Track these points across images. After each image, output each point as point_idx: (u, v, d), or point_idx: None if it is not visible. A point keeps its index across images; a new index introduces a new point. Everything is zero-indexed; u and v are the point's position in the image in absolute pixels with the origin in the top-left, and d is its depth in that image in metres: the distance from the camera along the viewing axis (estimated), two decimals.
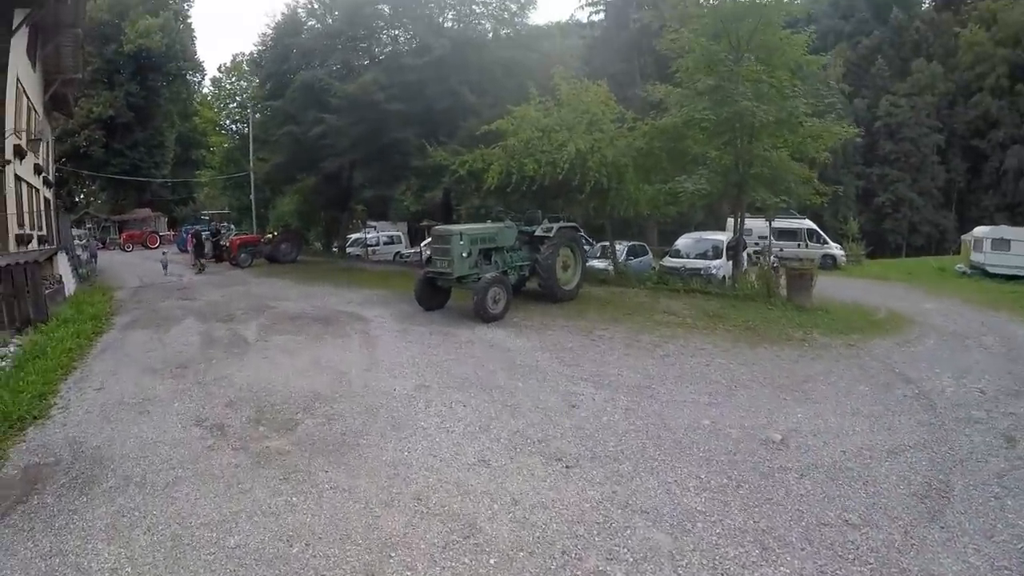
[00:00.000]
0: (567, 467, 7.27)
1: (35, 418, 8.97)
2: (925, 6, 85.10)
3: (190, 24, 65.58)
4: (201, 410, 9.35)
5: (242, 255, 32.44)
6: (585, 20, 49.05)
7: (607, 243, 25.87)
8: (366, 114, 27.49)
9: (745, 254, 23.16)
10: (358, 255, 40.76)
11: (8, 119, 20.78)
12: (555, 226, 17.73)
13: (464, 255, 15.66)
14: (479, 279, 15.52)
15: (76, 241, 35.01)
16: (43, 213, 29.54)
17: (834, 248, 36.21)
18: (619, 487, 6.79)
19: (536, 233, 17.83)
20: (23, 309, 14.47)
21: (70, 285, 22.06)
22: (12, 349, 12.59)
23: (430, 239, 18.30)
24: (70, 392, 10.29)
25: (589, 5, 47.02)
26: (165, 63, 59.54)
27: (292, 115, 31.66)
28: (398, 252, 41.63)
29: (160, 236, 50.49)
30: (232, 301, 19.84)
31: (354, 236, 44.30)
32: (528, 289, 19.03)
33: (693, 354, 12.56)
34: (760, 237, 32.70)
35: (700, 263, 23.49)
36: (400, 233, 46.40)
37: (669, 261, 24.33)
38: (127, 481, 7.00)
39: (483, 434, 8.25)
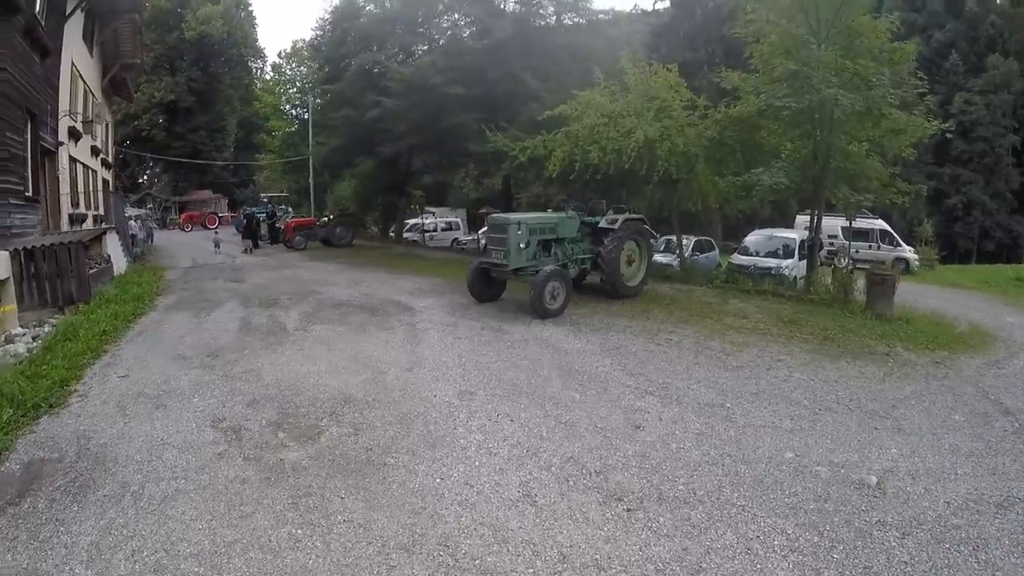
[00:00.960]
0: (628, 510, 6.03)
1: (51, 406, 8.24)
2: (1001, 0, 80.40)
3: (251, 11, 67.20)
4: (220, 408, 8.38)
5: (297, 238, 32.10)
6: (650, 8, 47.52)
7: (672, 237, 24.43)
8: (424, 98, 26.52)
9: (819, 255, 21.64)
10: (415, 240, 39.98)
11: (63, 101, 21.12)
12: (620, 217, 16.42)
13: (522, 245, 14.49)
14: (537, 272, 14.29)
15: (132, 221, 34.79)
16: (100, 193, 29.93)
17: (907, 251, 34.09)
18: (691, 542, 5.54)
19: (600, 224, 16.49)
20: (66, 289, 13.93)
21: (120, 264, 21.81)
22: (47, 329, 12.04)
23: (486, 227, 17.11)
24: (93, 379, 9.53)
25: None
26: (226, 49, 61.26)
27: (349, 99, 30.99)
28: (456, 239, 40.79)
29: (219, 217, 50.48)
30: (279, 285, 19.20)
31: (412, 221, 43.57)
32: (589, 284, 17.76)
33: (769, 367, 11.19)
34: (830, 237, 30.81)
35: (771, 262, 22.13)
36: (459, 220, 45.65)
37: (738, 259, 22.95)
38: (124, 489, 6.14)
39: (531, 459, 7.04)
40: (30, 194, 16.97)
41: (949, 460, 7.53)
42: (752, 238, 25.31)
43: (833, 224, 30.89)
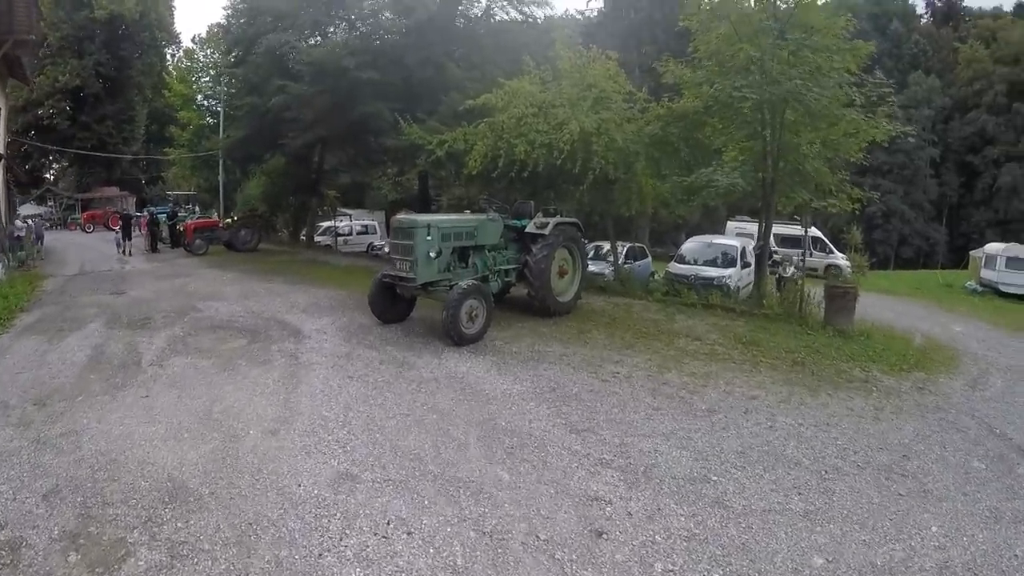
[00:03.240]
0: None
1: None
2: (924, 20, 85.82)
3: None
4: (7, 504, 5.63)
5: (197, 241, 28.57)
6: (584, 7, 45.70)
7: (603, 244, 21.97)
8: (334, 83, 23.41)
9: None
10: (328, 245, 36.54)
11: None
12: (551, 221, 13.66)
13: (432, 254, 11.56)
14: (451, 287, 11.53)
15: (18, 221, 30.94)
16: None
17: (839, 258, 31.73)
18: None
19: (527, 229, 13.73)
20: None
21: None
22: None
23: (390, 232, 14.19)
24: None
25: None
26: (138, 32, 55.99)
27: (255, 85, 27.56)
28: (371, 244, 37.23)
29: (129, 217, 46.08)
30: (160, 299, 16.20)
31: (325, 224, 40.04)
32: (512, 298, 15.00)
33: (746, 408, 8.70)
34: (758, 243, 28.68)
35: (712, 271, 19.63)
36: (375, 223, 42.20)
37: (676, 268, 20.40)
38: None
39: None
40: None
41: (1000, 535, 5.88)
42: (690, 245, 22.84)
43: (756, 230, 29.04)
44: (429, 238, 11.51)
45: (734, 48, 15.03)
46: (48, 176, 62.35)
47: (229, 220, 31.77)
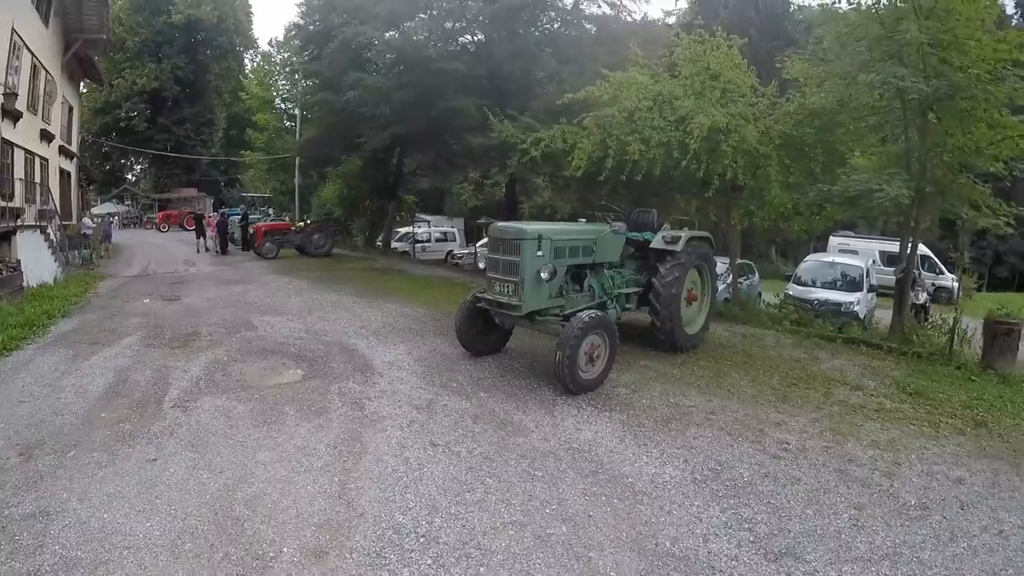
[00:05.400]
0: None
1: None
2: None
3: None
4: None
5: (267, 244, 26.88)
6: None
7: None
8: (415, 76, 21.05)
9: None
10: (405, 252, 34.11)
11: None
12: (683, 235, 10.66)
13: (544, 275, 8.67)
14: (564, 317, 8.83)
15: (87, 220, 29.69)
16: (56, 186, 26.70)
17: (949, 279, 27.98)
18: None
19: (653, 244, 10.78)
20: None
21: (42, 272, 17.27)
22: None
23: (486, 241, 11.37)
24: None
25: None
26: (216, 37, 56.23)
27: (329, 81, 25.25)
28: (450, 251, 34.83)
29: (203, 218, 45.19)
30: (215, 309, 14.27)
31: (402, 230, 37.58)
32: (622, 321, 11.57)
33: (959, 502, 5.89)
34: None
35: (838, 296, 16.88)
36: (455, 230, 39.86)
37: (796, 290, 17.50)
38: None
39: None
40: None
41: None
42: (809, 265, 19.80)
43: (869, 248, 25.85)
44: (540, 253, 8.70)
45: (903, 26, 11.99)
46: (130, 176, 62.42)
47: (302, 223, 29.86)
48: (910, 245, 13.92)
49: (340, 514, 5.13)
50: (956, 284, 28.42)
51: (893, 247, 25.46)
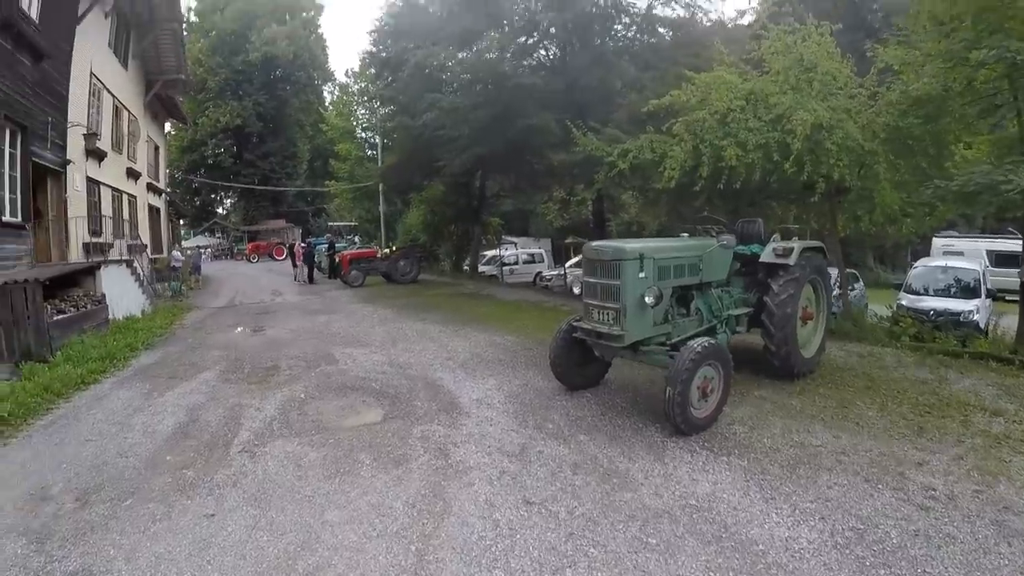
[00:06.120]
0: None
1: None
2: None
3: (320, 33, 64.18)
4: None
5: (353, 272, 26.73)
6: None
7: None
8: (491, 94, 20.55)
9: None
10: (492, 275, 33.52)
11: (73, 114, 18.19)
12: (796, 247, 9.48)
13: (649, 300, 7.63)
14: (671, 346, 7.84)
15: (177, 252, 30.35)
16: (145, 222, 28.14)
17: None
18: None
19: (763, 258, 9.62)
20: (23, 339, 11.17)
21: (129, 304, 17.88)
22: None
23: (580, 261, 10.36)
24: None
25: None
26: (293, 72, 58.67)
27: (404, 105, 25.07)
28: (538, 273, 33.83)
29: (287, 247, 45.86)
30: (296, 340, 13.96)
31: (489, 254, 37.23)
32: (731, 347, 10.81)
33: None
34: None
35: (958, 305, 15.46)
36: (542, 251, 39.06)
37: (909, 300, 16.12)
38: None
39: None
40: (14, 219, 14.45)
41: None
42: (919, 271, 18.26)
43: (976, 248, 23.66)
44: (643, 275, 7.67)
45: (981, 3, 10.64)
46: (220, 210, 64.29)
47: (388, 250, 29.60)
48: None
49: None
50: None
51: (1002, 246, 23.55)
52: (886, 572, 4.61)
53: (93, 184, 20.33)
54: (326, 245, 32.29)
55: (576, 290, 21.74)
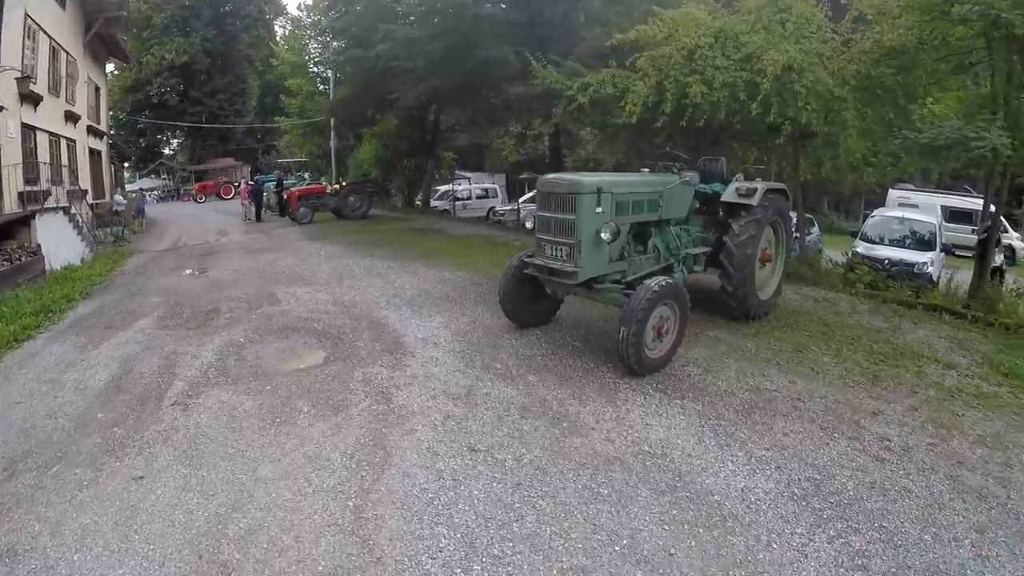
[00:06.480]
0: None
1: None
2: None
3: None
4: None
5: (301, 209, 26.00)
6: None
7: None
8: (448, 24, 19.73)
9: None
10: (445, 210, 32.96)
11: (5, 57, 17.16)
12: (760, 186, 9.14)
13: (605, 236, 7.29)
14: (627, 284, 7.59)
15: (119, 196, 29.55)
16: (86, 166, 26.80)
17: (1013, 237, 25.21)
18: None
19: (725, 197, 9.28)
20: None
21: (68, 253, 17.24)
22: None
23: (534, 196, 9.99)
24: None
25: None
26: (243, 6, 56.37)
27: (357, 37, 24.03)
28: (491, 208, 33.26)
29: (236, 186, 44.80)
30: (239, 281, 13.44)
31: (442, 188, 36.48)
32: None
33: None
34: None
35: (909, 256, 15.43)
36: (496, 186, 38.46)
37: (864, 248, 16.03)
38: None
39: None
40: None
41: None
42: (876, 221, 18.18)
43: (931, 202, 23.46)
44: (600, 210, 7.28)
45: None
46: (167, 151, 62.71)
47: (337, 186, 28.82)
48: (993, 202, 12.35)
49: (352, 559, 3.98)
50: (1021, 243, 26.35)
51: (957, 202, 23.84)
52: (843, 526, 4.50)
53: (28, 130, 19.31)
54: (274, 182, 31.25)
55: (529, 225, 21.33)
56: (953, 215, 23.43)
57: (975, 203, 24.96)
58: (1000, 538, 4.43)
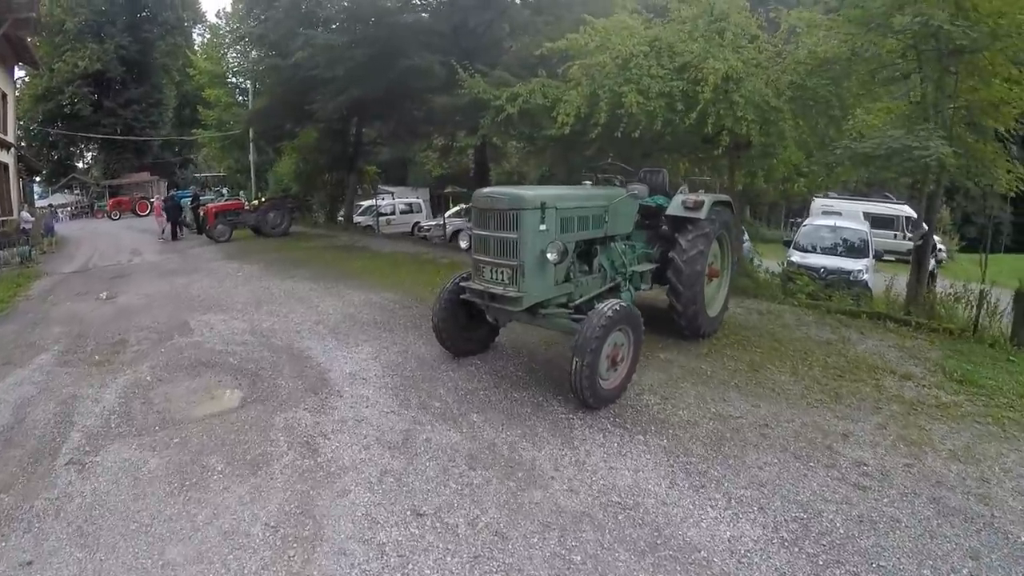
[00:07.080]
0: None
1: None
2: None
3: None
4: None
5: (219, 226, 24.68)
6: None
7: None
8: (370, 32, 19.09)
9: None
10: (369, 226, 32.05)
11: None
12: (707, 199, 8.63)
13: (552, 256, 6.57)
14: (577, 308, 6.97)
15: (26, 213, 27.75)
16: None
17: (935, 241, 26.89)
18: None
19: (670, 211, 8.73)
20: None
21: None
22: None
23: (460, 210, 9.30)
24: None
25: None
26: (160, 12, 53.77)
27: (275, 43, 22.84)
28: (416, 224, 32.77)
29: (152, 202, 42.93)
30: (150, 307, 12.34)
31: (365, 204, 35.54)
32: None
33: None
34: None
35: (846, 264, 15.49)
36: (420, 201, 37.97)
37: (799, 257, 16.10)
38: None
39: None
40: None
41: None
42: (809, 229, 18.34)
43: (854, 209, 24.54)
44: (544, 227, 6.58)
45: None
46: (80, 164, 59.73)
47: (256, 202, 27.62)
48: (926, 208, 12.43)
49: None
50: (942, 247, 27.34)
51: (877, 209, 24.48)
52: (842, 571, 4.00)
53: None
54: (190, 198, 29.90)
55: (464, 244, 20.69)
56: (876, 221, 24.07)
57: (896, 209, 25.65)
58: (995, 562, 4.20)
